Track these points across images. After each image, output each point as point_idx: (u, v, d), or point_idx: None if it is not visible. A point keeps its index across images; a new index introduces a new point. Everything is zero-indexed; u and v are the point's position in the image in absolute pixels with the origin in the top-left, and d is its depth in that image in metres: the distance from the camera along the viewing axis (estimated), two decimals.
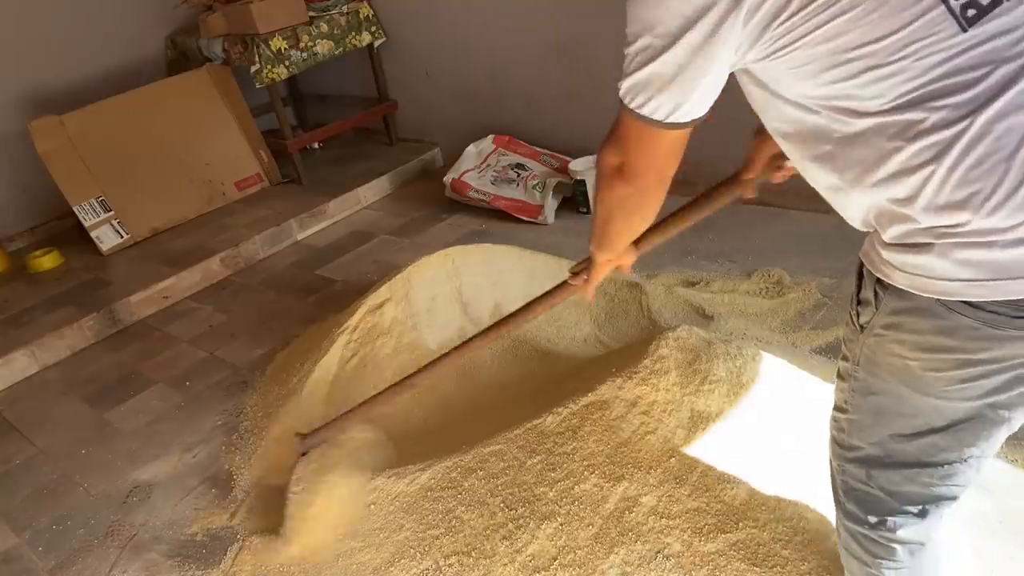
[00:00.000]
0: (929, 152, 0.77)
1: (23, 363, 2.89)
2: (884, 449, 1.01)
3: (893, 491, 1.03)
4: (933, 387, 0.91)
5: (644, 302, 2.43)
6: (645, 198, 1.06)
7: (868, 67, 0.77)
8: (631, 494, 1.59)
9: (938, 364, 0.88)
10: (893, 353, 0.92)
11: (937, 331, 0.85)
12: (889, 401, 0.97)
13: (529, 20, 3.43)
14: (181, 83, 3.95)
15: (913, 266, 0.84)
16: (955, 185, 0.77)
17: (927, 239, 0.81)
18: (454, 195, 3.54)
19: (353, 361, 2.27)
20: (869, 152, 0.82)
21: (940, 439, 0.95)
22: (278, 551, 1.77)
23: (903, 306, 0.88)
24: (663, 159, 0.98)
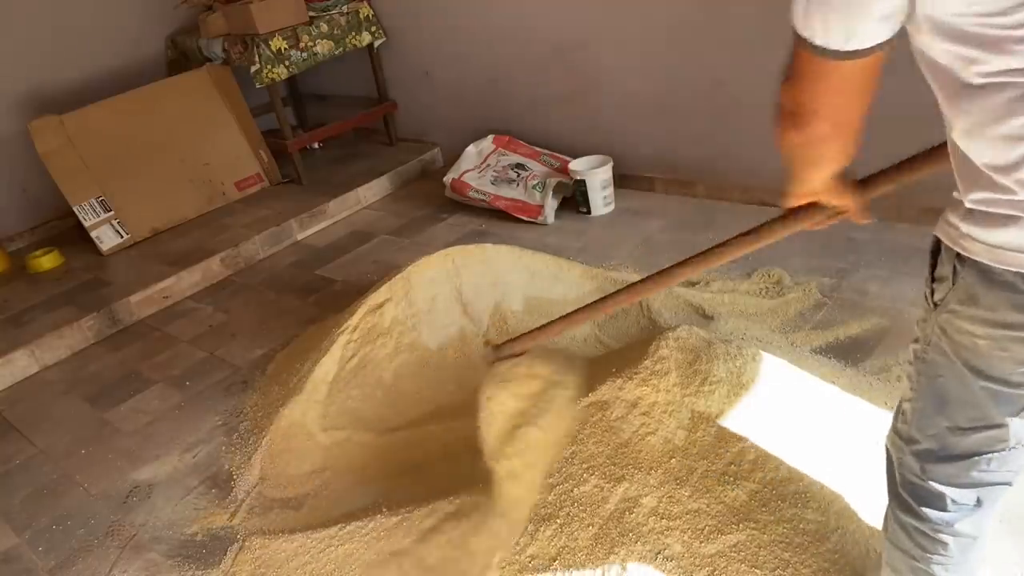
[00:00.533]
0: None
1: (23, 363, 2.89)
2: (940, 443, 1.01)
3: (949, 483, 1.03)
4: (997, 368, 0.90)
5: (644, 302, 2.42)
6: (821, 147, 0.94)
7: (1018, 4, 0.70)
8: (631, 495, 1.59)
9: (1007, 343, 0.87)
10: (964, 331, 0.91)
11: (1013, 306, 0.84)
12: (952, 385, 0.96)
13: (529, 20, 3.43)
14: (181, 83, 3.95)
15: (996, 239, 0.82)
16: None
17: (1014, 211, 0.79)
18: (454, 195, 3.54)
19: (353, 361, 2.27)
20: (988, 108, 0.77)
21: (999, 432, 0.95)
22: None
23: (981, 281, 0.86)
24: (842, 99, 0.87)
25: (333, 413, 2.20)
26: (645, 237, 2.98)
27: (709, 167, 3.15)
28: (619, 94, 3.29)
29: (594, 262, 2.78)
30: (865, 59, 0.81)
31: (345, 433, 2.16)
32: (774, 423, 1.69)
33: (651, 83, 3.15)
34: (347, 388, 2.24)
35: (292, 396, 2.21)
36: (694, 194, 3.24)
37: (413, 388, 2.26)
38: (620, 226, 3.14)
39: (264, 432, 2.18)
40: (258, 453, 2.13)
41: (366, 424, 2.18)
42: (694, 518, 1.54)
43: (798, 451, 1.63)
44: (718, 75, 2.92)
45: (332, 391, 2.22)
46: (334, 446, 2.13)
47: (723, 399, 1.70)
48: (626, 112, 3.30)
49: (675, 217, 3.11)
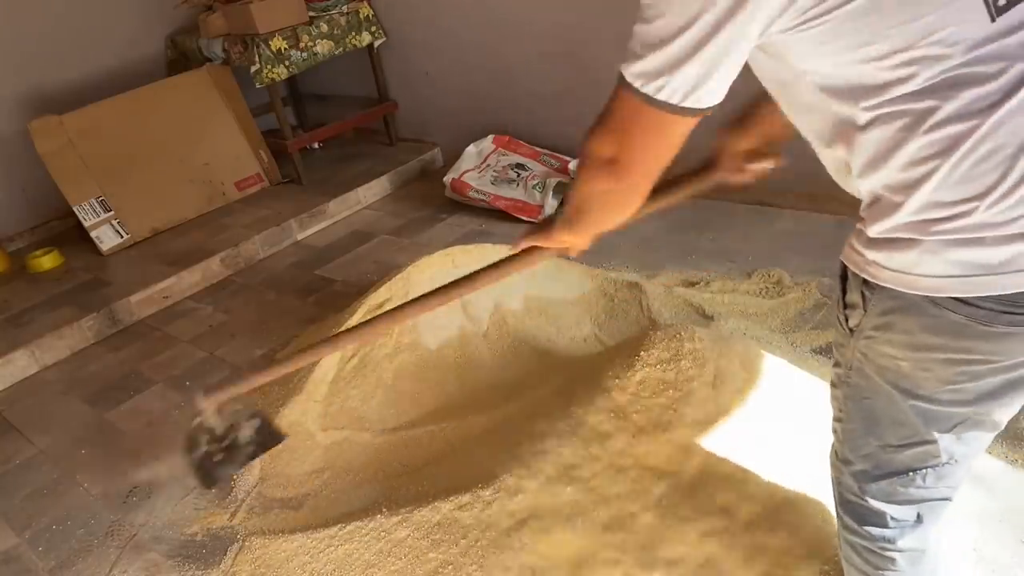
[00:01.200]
0: (939, 145, 0.76)
1: (23, 363, 2.89)
2: (875, 461, 1.01)
3: (887, 501, 1.03)
4: (924, 388, 0.90)
5: (644, 302, 2.43)
6: (631, 196, 0.97)
7: (896, 48, 0.73)
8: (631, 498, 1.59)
9: (928, 364, 0.87)
10: (884, 354, 0.91)
11: (926, 329, 0.84)
12: (880, 405, 0.96)
13: (529, 20, 3.43)
14: (181, 83, 3.95)
15: (900, 264, 0.83)
16: (957, 181, 0.76)
17: (915, 235, 0.81)
18: (454, 195, 3.54)
19: (353, 361, 2.27)
20: (881, 140, 0.80)
21: (930, 448, 0.95)
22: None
23: (892, 305, 0.87)
24: (664, 153, 0.89)
25: (333, 413, 2.20)
26: (645, 237, 2.98)
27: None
28: None
29: (594, 262, 2.78)
30: (695, 118, 0.83)
31: (345, 433, 2.16)
32: (774, 423, 1.69)
33: None
34: (347, 388, 2.24)
35: (292, 396, 2.21)
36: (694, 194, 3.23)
37: (413, 388, 2.26)
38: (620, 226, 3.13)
39: None
40: None
41: (366, 424, 2.18)
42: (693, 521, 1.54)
43: (797, 451, 1.63)
44: None
45: (332, 391, 2.22)
46: (334, 446, 2.13)
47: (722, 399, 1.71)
48: None
49: (675, 217, 3.09)
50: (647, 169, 0.91)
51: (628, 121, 0.87)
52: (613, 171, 0.91)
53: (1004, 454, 1.69)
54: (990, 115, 0.73)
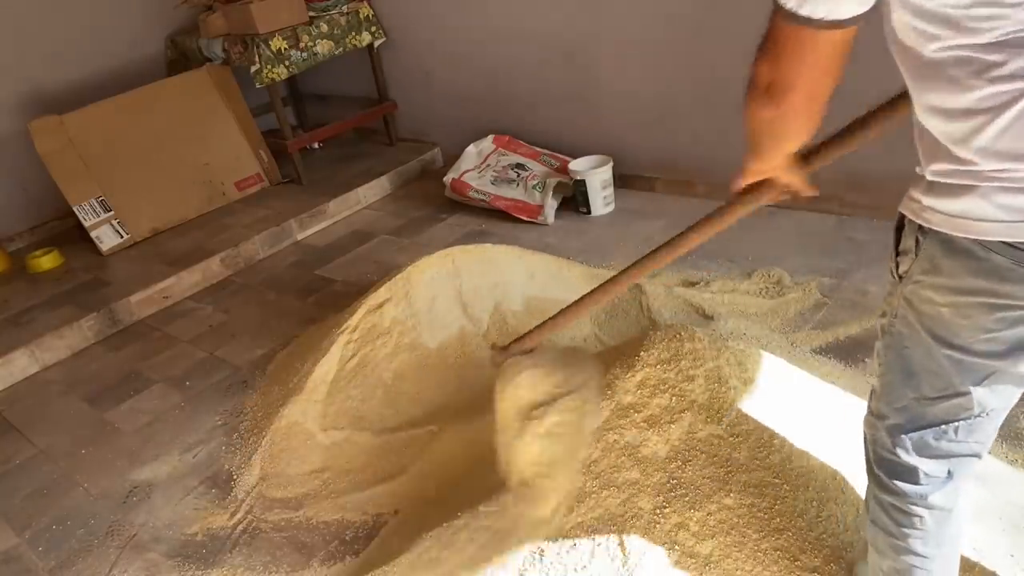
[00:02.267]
0: (1001, 98, 0.78)
1: (23, 363, 2.89)
2: (910, 414, 1.05)
3: (920, 455, 1.06)
4: (960, 337, 0.94)
5: (644, 302, 2.43)
6: (794, 122, 0.97)
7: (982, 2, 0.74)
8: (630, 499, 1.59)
9: (969, 310, 0.91)
10: (927, 300, 0.95)
11: (972, 272, 0.88)
12: (918, 356, 1.00)
13: (529, 20, 3.43)
14: (181, 83, 3.95)
15: (954, 208, 0.87)
16: (1014, 134, 0.78)
17: (971, 181, 0.84)
18: (454, 195, 3.54)
19: (353, 361, 2.27)
20: (950, 83, 0.81)
21: (963, 400, 0.99)
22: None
23: (943, 250, 0.91)
24: (819, 71, 0.89)
25: (333, 413, 2.20)
26: (645, 237, 2.98)
27: (709, 167, 3.14)
28: (619, 94, 3.29)
29: (594, 262, 2.78)
30: (843, 31, 0.84)
31: (345, 433, 2.16)
32: (774, 423, 1.69)
33: (651, 83, 3.15)
34: (347, 388, 2.24)
35: (292, 396, 2.21)
36: (694, 194, 3.24)
37: (413, 388, 2.26)
38: (620, 226, 3.14)
39: (264, 432, 2.18)
40: (258, 453, 2.13)
41: (366, 424, 2.18)
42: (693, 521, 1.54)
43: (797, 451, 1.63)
44: (718, 75, 2.92)
45: (332, 391, 2.22)
46: (334, 446, 2.13)
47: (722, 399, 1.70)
48: (626, 112, 3.30)
49: (675, 217, 3.10)
50: (805, 90, 0.91)
51: (779, 42, 0.88)
52: (772, 95, 0.93)
53: (1004, 454, 1.69)
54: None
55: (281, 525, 1.93)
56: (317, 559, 1.81)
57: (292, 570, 1.80)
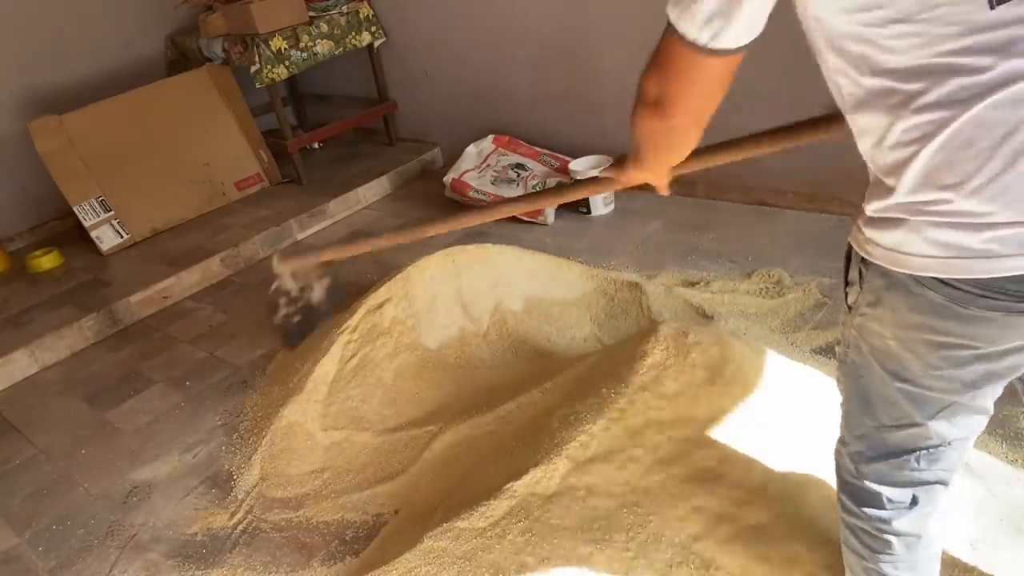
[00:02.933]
0: (925, 128, 0.77)
1: (23, 363, 2.89)
2: (869, 442, 1.04)
3: (882, 482, 1.05)
4: (909, 371, 0.93)
5: (644, 302, 2.42)
6: (677, 137, 1.01)
7: (895, 19, 0.74)
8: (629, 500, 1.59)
9: (913, 344, 0.90)
10: (875, 332, 0.95)
11: (910, 307, 0.87)
12: (874, 384, 0.99)
13: (529, 20, 3.43)
14: (181, 83, 3.95)
15: (889, 241, 0.86)
16: (938, 165, 0.78)
17: (902, 215, 0.83)
18: (454, 195, 3.54)
19: (353, 361, 2.27)
20: (874, 116, 0.82)
21: (922, 430, 0.98)
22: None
23: (882, 283, 0.90)
24: (704, 93, 0.92)
25: (333, 413, 2.20)
26: (645, 237, 2.98)
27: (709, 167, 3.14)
28: (619, 93, 3.27)
29: (594, 262, 2.78)
30: (728, 59, 0.86)
31: (345, 433, 2.16)
32: (774, 423, 1.69)
33: None
34: (347, 388, 2.24)
35: (292, 396, 2.21)
36: (694, 194, 3.23)
37: (413, 388, 2.26)
38: (620, 226, 3.14)
39: (264, 432, 2.18)
40: (258, 453, 2.13)
41: (366, 424, 2.18)
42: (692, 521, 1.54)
43: (797, 451, 1.63)
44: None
45: (332, 391, 2.22)
46: (334, 446, 2.13)
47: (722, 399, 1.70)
48: (626, 112, 3.27)
49: (675, 217, 3.11)
50: (689, 110, 0.94)
51: (667, 60, 0.90)
52: (657, 110, 0.95)
53: (1004, 454, 1.69)
54: (972, 105, 0.74)
55: (281, 525, 1.93)
56: (317, 559, 1.81)
57: (292, 570, 1.80)
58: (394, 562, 1.60)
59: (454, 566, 1.55)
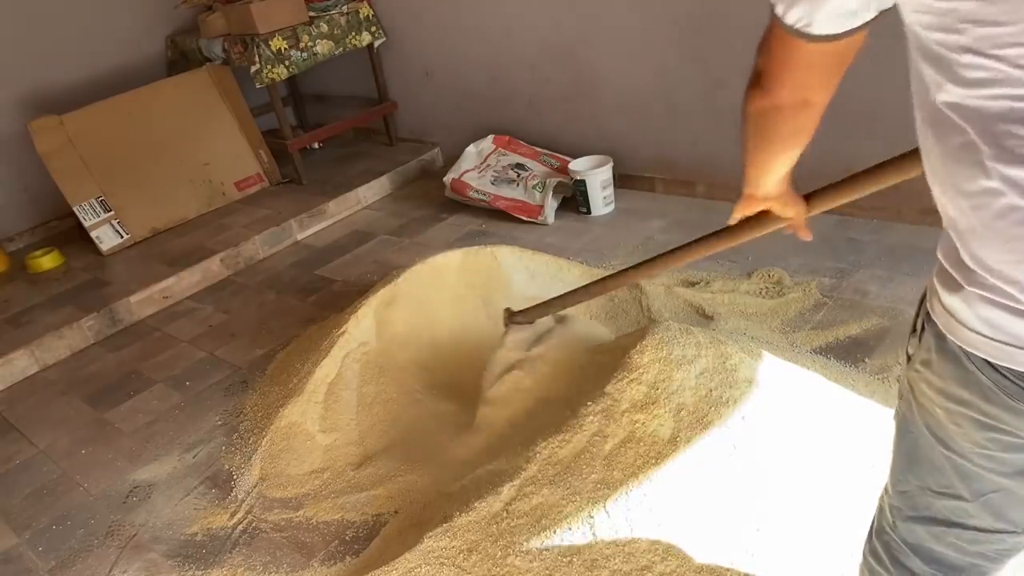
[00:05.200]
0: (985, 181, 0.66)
1: (23, 363, 2.89)
2: (912, 501, 0.92)
3: (915, 545, 0.94)
4: (956, 444, 0.82)
5: (644, 302, 2.43)
6: (780, 115, 0.91)
7: (968, 47, 0.63)
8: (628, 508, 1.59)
9: (959, 419, 0.80)
10: (925, 394, 0.84)
11: (958, 381, 0.78)
12: (921, 445, 0.88)
13: (529, 20, 3.43)
14: (181, 83, 3.95)
15: (950, 304, 0.76)
16: (994, 234, 0.67)
17: (959, 277, 0.73)
18: (454, 195, 3.54)
19: (353, 362, 2.27)
20: (943, 147, 0.71)
21: (969, 507, 0.86)
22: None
23: (937, 345, 0.80)
24: (801, 72, 0.84)
25: (333, 414, 2.20)
26: (645, 237, 2.98)
27: (709, 167, 3.14)
28: (619, 94, 3.29)
29: (594, 262, 2.78)
30: (827, 45, 0.78)
31: (345, 434, 2.16)
32: (774, 423, 1.69)
33: (651, 83, 3.15)
34: (347, 389, 2.24)
35: (292, 396, 2.21)
36: (694, 194, 3.24)
37: (412, 389, 2.26)
38: (620, 226, 3.14)
39: (264, 432, 2.18)
40: (258, 453, 2.13)
41: (366, 424, 2.18)
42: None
43: (797, 451, 1.63)
44: (718, 75, 2.92)
45: (332, 392, 2.22)
46: (334, 446, 2.13)
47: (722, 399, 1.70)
48: (626, 112, 3.30)
49: (675, 217, 3.11)
50: (790, 86, 0.87)
51: (769, 38, 0.84)
52: (762, 84, 0.89)
53: None
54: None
55: (281, 525, 1.93)
56: (317, 559, 1.81)
57: (292, 570, 1.80)
58: (394, 562, 1.60)
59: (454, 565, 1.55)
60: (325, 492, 2.01)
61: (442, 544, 1.60)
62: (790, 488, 1.58)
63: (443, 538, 1.61)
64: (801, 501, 1.56)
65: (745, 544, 1.52)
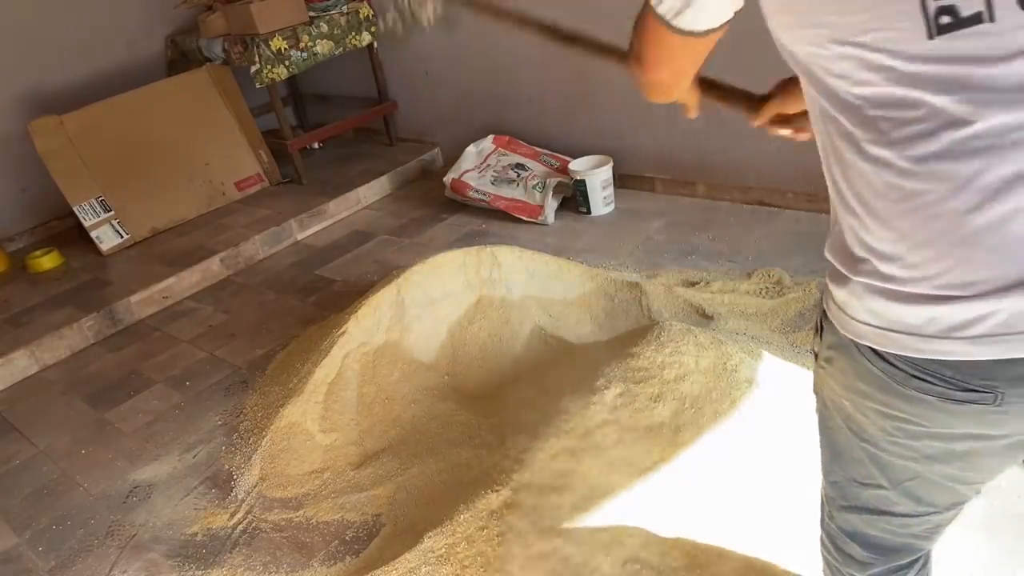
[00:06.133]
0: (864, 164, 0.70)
1: (23, 363, 2.89)
2: (842, 491, 0.95)
3: (851, 532, 0.97)
4: (868, 434, 0.84)
5: (644, 302, 2.43)
6: (657, 89, 0.96)
7: (833, 39, 0.67)
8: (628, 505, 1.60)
9: (865, 411, 0.81)
10: (833, 390, 0.86)
11: (856, 374, 0.79)
12: (840, 439, 0.90)
13: None
14: (181, 83, 3.95)
15: (838, 299, 0.78)
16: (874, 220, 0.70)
17: (846, 271, 0.76)
18: (454, 195, 3.54)
19: (353, 362, 2.27)
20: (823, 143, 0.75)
21: (891, 495, 0.88)
22: None
23: (833, 340, 0.82)
24: (671, 63, 0.89)
25: (333, 414, 2.20)
26: (645, 237, 2.98)
27: (709, 167, 3.15)
28: (619, 94, 3.29)
29: (594, 262, 2.78)
30: (694, 39, 0.82)
31: (345, 434, 2.16)
32: (774, 423, 1.69)
33: None
34: (347, 388, 2.24)
35: (292, 396, 2.21)
36: (694, 194, 3.24)
37: (411, 389, 2.26)
38: (620, 226, 3.14)
39: (264, 432, 2.18)
40: (258, 453, 2.13)
41: (366, 424, 2.18)
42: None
43: (798, 451, 1.63)
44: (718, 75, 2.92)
45: (332, 392, 2.22)
46: (334, 446, 2.13)
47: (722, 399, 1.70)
48: (626, 112, 3.30)
49: (675, 217, 3.11)
50: (662, 72, 0.92)
51: (642, 25, 0.87)
52: (637, 64, 0.92)
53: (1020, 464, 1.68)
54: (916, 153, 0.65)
55: (281, 525, 1.93)
56: (317, 559, 1.81)
57: (292, 570, 1.80)
58: (394, 562, 1.60)
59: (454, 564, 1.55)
60: (325, 492, 2.01)
61: (442, 543, 1.60)
62: (790, 488, 1.58)
63: (443, 537, 1.61)
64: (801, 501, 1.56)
65: (745, 544, 1.52)
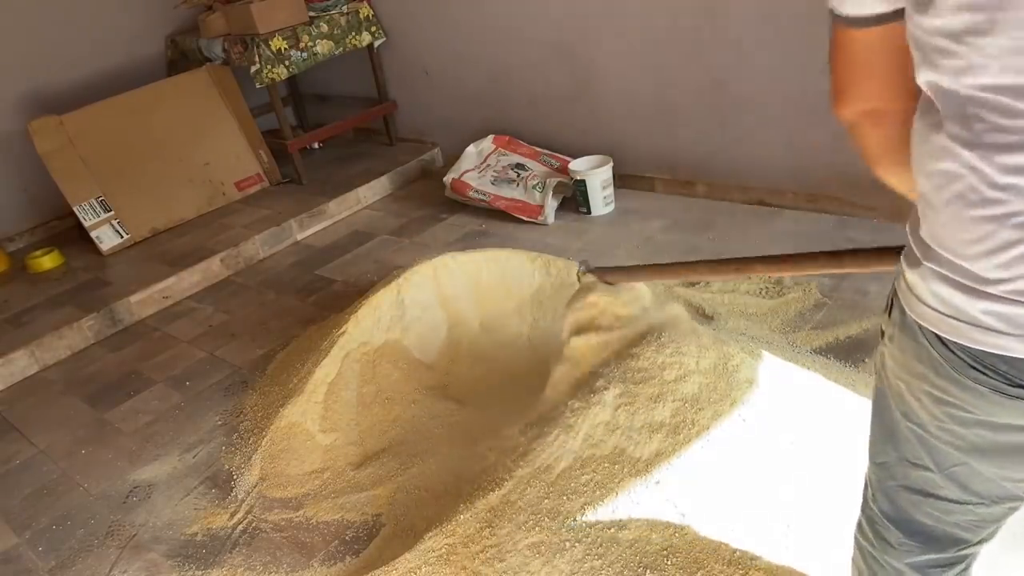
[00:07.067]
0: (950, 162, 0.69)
1: (23, 363, 2.89)
2: (890, 471, 0.94)
3: (893, 517, 0.96)
4: (918, 417, 0.84)
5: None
6: (853, 131, 0.87)
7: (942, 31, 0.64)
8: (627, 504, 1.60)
9: (918, 393, 0.82)
10: (891, 368, 0.87)
11: (914, 355, 0.80)
12: (893, 418, 0.90)
13: (529, 20, 3.43)
14: (181, 83, 3.96)
15: (908, 281, 0.79)
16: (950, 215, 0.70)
17: (919, 254, 0.76)
18: (454, 195, 3.54)
19: (353, 362, 2.27)
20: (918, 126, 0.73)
21: (937, 478, 0.87)
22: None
23: (899, 319, 0.83)
24: (853, 69, 0.80)
25: (333, 414, 2.20)
26: (645, 237, 2.98)
27: (709, 167, 3.15)
28: (619, 94, 3.29)
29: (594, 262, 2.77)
30: (865, 33, 0.75)
31: (345, 434, 2.16)
32: (774, 423, 1.69)
33: (651, 83, 3.15)
34: (347, 389, 2.24)
35: (292, 396, 2.21)
36: (694, 194, 3.24)
37: (411, 389, 2.26)
38: (620, 226, 3.14)
39: (264, 432, 2.18)
40: (258, 453, 2.13)
41: (365, 425, 2.18)
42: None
43: (798, 451, 1.63)
44: (718, 75, 2.92)
45: (332, 392, 2.22)
46: (334, 446, 2.13)
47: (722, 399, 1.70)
48: (626, 112, 3.30)
49: (675, 217, 3.11)
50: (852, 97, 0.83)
51: (831, 39, 0.81)
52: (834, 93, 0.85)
53: None
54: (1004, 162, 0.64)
55: (281, 525, 1.93)
56: (317, 559, 1.81)
57: (292, 570, 1.80)
58: (394, 562, 1.60)
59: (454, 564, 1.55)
60: (325, 492, 2.01)
61: (442, 543, 1.60)
62: (790, 488, 1.58)
63: (443, 537, 1.61)
64: (801, 501, 1.56)
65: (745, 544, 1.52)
